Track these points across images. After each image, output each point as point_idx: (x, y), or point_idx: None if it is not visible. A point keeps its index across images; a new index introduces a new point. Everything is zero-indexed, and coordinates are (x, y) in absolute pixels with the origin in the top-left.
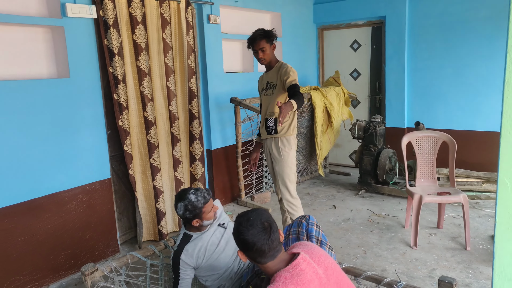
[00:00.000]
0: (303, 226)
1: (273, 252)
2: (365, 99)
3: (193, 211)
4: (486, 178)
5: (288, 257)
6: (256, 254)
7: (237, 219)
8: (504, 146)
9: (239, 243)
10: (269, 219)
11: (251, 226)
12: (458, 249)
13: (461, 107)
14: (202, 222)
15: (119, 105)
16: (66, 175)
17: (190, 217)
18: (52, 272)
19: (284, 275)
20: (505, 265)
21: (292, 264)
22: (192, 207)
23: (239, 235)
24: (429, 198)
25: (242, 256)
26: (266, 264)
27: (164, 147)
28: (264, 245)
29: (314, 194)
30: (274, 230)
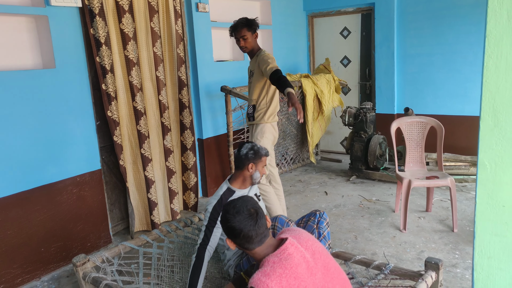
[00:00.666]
0: (316, 217)
1: (260, 238)
2: (356, 86)
3: (257, 153)
4: (473, 161)
5: (276, 242)
6: (243, 241)
7: (223, 207)
8: (483, 129)
9: (226, 230)
10: (255, 206)
11: (237, 213)
12: (445, 231)
13: (449, 92)
14: (255, 171)
15: (107, 96)
16: (55, 167)
17: (252, 157)
18: (43, 265)
19: (272, 260)
20: (485, 244)
21: (280, 249)
22: (257, 149)
23: (226, 222)
24: (417, 182)
25: (230, 243)
26: (254, 250)
27: (155, 137)
28: (251, 231)
29: (306, 181)
30: (260, 216)
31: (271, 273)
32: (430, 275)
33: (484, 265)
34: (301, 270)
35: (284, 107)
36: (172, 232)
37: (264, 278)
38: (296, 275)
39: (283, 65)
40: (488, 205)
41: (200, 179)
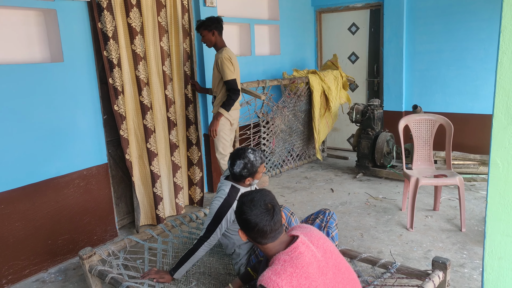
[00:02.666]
0: (325, 215)
1: (274, 234)
2: (363, 82)
3: (250, 170)
4: (482, 160)
5: (287, 239)
6: (257, 235)
7: (240, 198)
8: (496, 127)
9: (240, 222)
10: (273, 201)
11: (254, 206)
12: (453, 231)
13: (459, 90)
14: (253, 181)
15: (114, 90)
16: (63, 160)
17: (246, 175)
18: (51, 257)
19: (283, 258)
20: (495, 244)
21: (291, 247)
22: (251, 166)
23: (242, 214)
24: (425, 180)
25: (242, 235)
26: (266, 245)
27: (161, 132)
28: (266, 226)
29: (312, 178)
30: (277, 212)
31: (282, 272)
32: (437, 274)
33: (494, 266)
34: (312, 270)
35: (291, 103)
36: (177, 227)
37: (275, 277)
38: (307, 275)
39: (290, 61)
40: (499, 205)
41: (206, 174)
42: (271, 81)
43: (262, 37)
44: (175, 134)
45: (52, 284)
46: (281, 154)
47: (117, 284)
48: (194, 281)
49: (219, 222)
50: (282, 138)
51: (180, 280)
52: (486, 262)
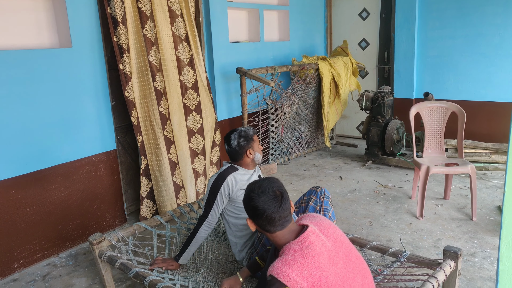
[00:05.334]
0: (317, 196)
1: (282, 221)
2: (373, 69)
3: (246, 137)
4: (494, 149)
5: (297, 228)
6: (265, 222)
7: (248, 186)
8: None
9: (249, 210)
10: (281, 188)
11: (262, 193)
12: (464, 220)
13: (471, 77)
14: (255, 154)
15: (125, 76)
16: (72, 146)
17: (245, 144)
18: (61, 242)
19: (293, 248)
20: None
21: (301, 237)
22: (244, 133)
23: (250, 201)
24: (436, 169)
25: (250, 224)
26: (275, 234)
27: (178, 118)
28: (274, 213)
29: (320, 166)
30: (285, 199)
31: (292, 262)
32: (448, 264)
33: (510, 257)
34: (322, 260)
35: (300, 90)
36: (185, 214)
37: (285, 267)
38: (318, 265)
39: (299, 47)
40: None
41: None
42: (280, 67)
43: (271, 23)
44: (191, 120)
45: (63, 268)
46: (290, 141)
47: (126, 269)
48: (203, 268)
49: (215, 198)
50: (291, 125)
51: (189, 267)
52: (502, 253)
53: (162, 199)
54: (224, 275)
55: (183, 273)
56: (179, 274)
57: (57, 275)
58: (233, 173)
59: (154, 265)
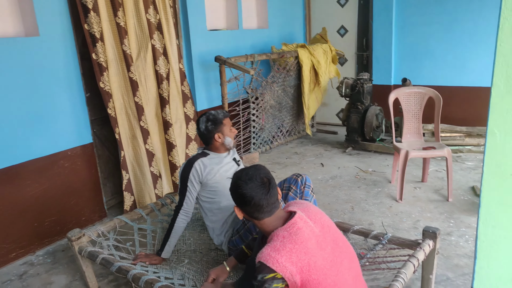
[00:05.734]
0: (298, 185)
1: (270, 208)
2: (352, 56)
3: (214, 121)
4: (468, 132)
5: (285, 215)
6: (253, 209)
7: (235, 174)
8: (495, 96)
9: (236, 197)
10: (268, 175)
11: (249, 180)
12: (441, 201)
13: (447, 63)
14: (225, 138)
15: (99, 66)
16: (45, 140)
17: (213, 128)
18: (38, 239)
19: (282, 234)
20: (490, 213)
21: (289, 223)
22: (213, 117)
23: (237, 189)
24: (415, 153)
25: (238, 212)
26: (263, 220)
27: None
28: (262, 200)
29: (302, 153)
30: (273, 186)
31: (281, 248)
32: (427, 243)
33: (488, 234)
34: (311, 245)
35: (280, 78)
36: (167, 206)
37: (274, 253)
38: (306, 250)
39: (278, 35)
40: (495, 174)
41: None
42: (259, 55)
43: (250, 10)
44: (168, 111)
45: (41, 266)
46: (271, 130)
47: (108, 264)
48: (186, 259)
49: (186, 185)
50: (272, 114)
51: (173, 260)
52: (480, 231)
53: (140, 190)
54: (208, 265)
55: (167, 266)
56: (162, 268)
57: (35, 273)
58: (201, 158)
59: (137, 260)
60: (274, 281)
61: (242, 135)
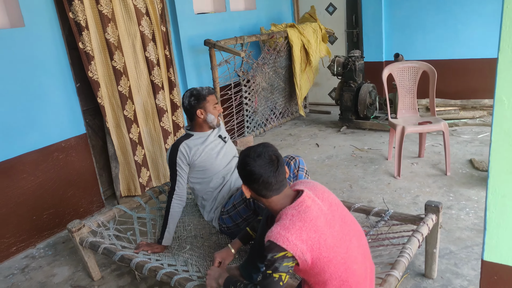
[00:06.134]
0: (291, 169)
1: (279, 186)
2: (342, 34)
3: (197, 97)
4: (463, 105)
5: (292, 193)
6: (262, 187)
7: (242, 152)
8: (502, 62)
9: (244, 175)
10: (276, 152)
11: (258, 157)
12: (439, 175)
13: (439, 36)
14: (207, 114)
15: (86, 55)
16: (38, 133)
17: (195, 103)
18: (37, 232)
19: (290, 213)
20: (499, 183)
21: (297, 201)
22: (196, 92)
23: (246, 166)
24: (411, 128)
25: (246, 190)
26: (271, 199)
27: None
28: (270, 177)
29: (296, 135)
30: (281, 164)
31: (291, 226)
32: (430, 218)
33: (497, 204)
34: (320, 223)
35: (271, 59)
36: (165, 193)
37: (284, 231)
38: (316, 228)
39: (267, 16)
40: (504, 143)
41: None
42: (249, 37)
43: None
44: (161, 98)
45: (42, 259)
46: (264, 112)
47: (111, 254)
48: (187, 245)
49: (175, 170)
50: (264, 97)
51: (174, 247)
52: (489, 201)
53: (124, 178)
54: (210, 249)
55: (169, 253)
56: (165, 255)
57: (37, 266)
58: (184, 141)
59: (139, 249)
60: (284, 259)
61: (235, 119)
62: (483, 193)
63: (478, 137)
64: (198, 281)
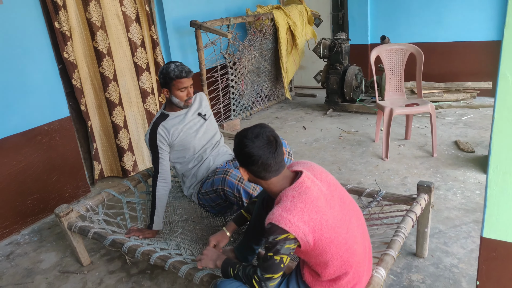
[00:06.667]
0: None
1: (277, 167)
2: (327, 16)
3: (165, 77)
4: (446, 88)
5: (291, 174)
6: (260, 168)
7: (239, 134)
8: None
9: (242, 157)
10: (274, 133)
11: (256, 139)
12: (425, 157)
13: (423, 19)
14: (171, 96)
15: (62, 35)
16: (19, 116)
17: (162, 82)
18: (21, 218)
19: (291, 194)
20: (501, 159)
21: (297, 183)
22: (165, 71)
23: (244, 147)
24: (399, 110)
25: (244, 173)
26: (270, 180)
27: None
28: (269, 159)
29: (283, 118)
30: (279, 144)
31: (292, 208)
32: (423, 197)
33: (498, 181)
34: (321, 204)
35: (257, 41)
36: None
37: (286, 213)
38: (318, 209)
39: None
40: (507, 120)
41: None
42: (235, 18)
43: None
44: (145, 79)
45: (28, 245)
46: (250, 96)
47: (101, 239)
48: (179, 229)
49: (157, 152)
50: (250, 79)
51: (165, 231)
52: (490, 178)
53: (106, 160)
54: (202, 232)
55: (161, 238)
56: (156, 240)
57: (22, 252)
58: (161, 123)
59: (130, 234)
60: (286, 241)
61: (222, 102)
62: (469, 173)
63: (462, 119)
64: (193, 264)
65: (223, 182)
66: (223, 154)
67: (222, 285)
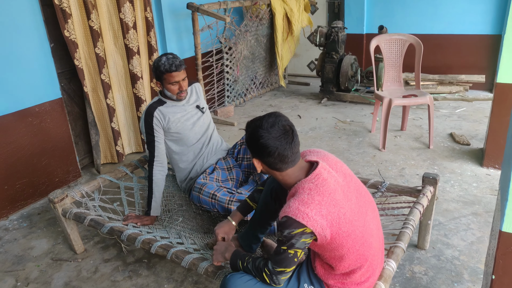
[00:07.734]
0: None
1: (294, 157)
2: (323, 4)
3: (156, 69)
4: (440, 80)
5: (306, 165)
6: (277, 160)
7: (252, 123)
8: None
9: (257, 148)
10: (289, 122)
11: (271, 128)
12: (422, 148)
13: (419, 10)
14: (163, 89)
15: (62, 12)
16: (8, 97)
17: (154, 74)
18: (10, 203)
19: (307, 186)
20: None
21: (313, 174)
22: (157, 65)
23: (259, 138)
24: (398, 101)
25: (257, 164)
26: (286, 171)
27: (116, 60)
28: (286, 150)
29: (277, 106)
30: (295, 134)
31: (309, 201)
32: (429, 189)
33: None
34: (338, 196)
35: (253, 27)
36: None
37: (303, 207)
38: (335, 202)
39: None
40: None
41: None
42: (232, 2)
43: None
44: (136, 63)
45: (17, 231)
46: (245, 82)
47: (98, 226)
48: (180, 217)
49: (153, 135)
50: (245, 65)
51: (165, 219)
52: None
53: (101, 145)
54: (203, 221)
55: (160, 226)
56: (156, 228)
57: (12, 239)
58: (158, 107)
59: (128, 221)
60: (302, 236)
61: (216, 88)
62: (466, 166)
63: (456, 112)
64: (196, 253)
65: (199, 200)
66: (216, 151)
67: (231, 279)
